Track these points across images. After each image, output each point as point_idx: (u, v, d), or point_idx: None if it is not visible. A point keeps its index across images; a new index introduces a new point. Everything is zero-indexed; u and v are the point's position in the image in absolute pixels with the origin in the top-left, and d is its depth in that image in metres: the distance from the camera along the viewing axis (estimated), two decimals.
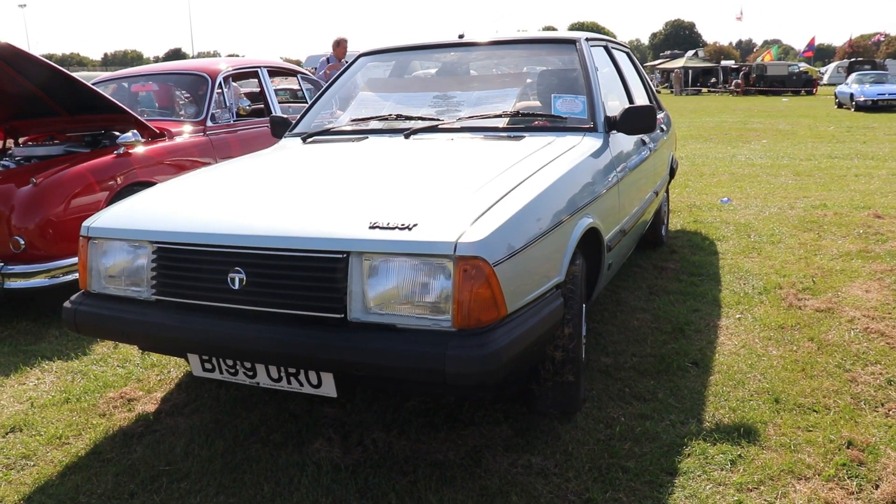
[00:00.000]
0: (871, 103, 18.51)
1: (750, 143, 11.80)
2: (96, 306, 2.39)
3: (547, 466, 2.21)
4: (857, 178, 7.72)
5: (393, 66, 3.93)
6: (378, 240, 1.96)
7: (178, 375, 3.04)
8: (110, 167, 4.04)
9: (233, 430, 2.52)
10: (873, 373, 2.79)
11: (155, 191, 2.71)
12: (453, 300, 1.89)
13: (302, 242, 2.03)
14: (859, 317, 3.40)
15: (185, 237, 2.21)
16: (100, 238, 2.42)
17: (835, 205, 6.19)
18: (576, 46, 3.38)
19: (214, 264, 2.14)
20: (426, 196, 2.22)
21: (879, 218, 5.58)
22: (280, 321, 2.06)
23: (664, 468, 2.18)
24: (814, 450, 2.24)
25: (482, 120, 3.08)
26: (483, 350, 1.85)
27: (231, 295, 2.11)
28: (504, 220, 1.99)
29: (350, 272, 1.98)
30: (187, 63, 5.38)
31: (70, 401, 2.84)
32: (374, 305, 1.98)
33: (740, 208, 6.25)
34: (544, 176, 2.36)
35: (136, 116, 4.38)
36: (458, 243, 1.89)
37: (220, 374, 2.28)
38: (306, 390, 2.16)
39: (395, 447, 2.35)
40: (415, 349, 1.88)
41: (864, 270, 4.17)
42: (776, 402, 2.58)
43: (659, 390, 2.72)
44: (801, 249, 4.75)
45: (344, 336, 1.97)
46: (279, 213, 2.20)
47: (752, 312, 3.55)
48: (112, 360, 3.26)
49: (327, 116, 3.68)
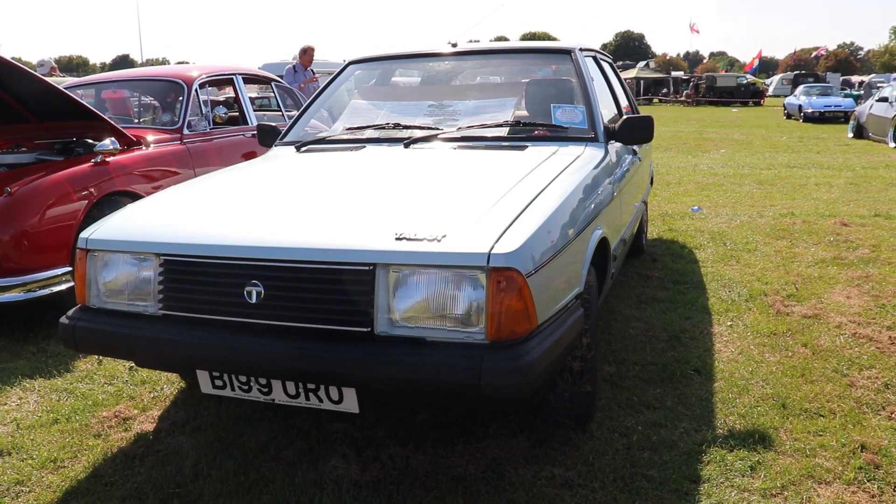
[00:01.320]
0: (818, 114, 19.20)
1: (709, 152, 12.09)
2: (97, 322, 2.28)
3: (570, 478, 2.20)
4: (817, 186, 7.97)
5: (383, 74, 3.89)
6: (407, 251, 1.92)
7: (172, 392, 2.93)
8: (88, 176, 3.89)
9: (241, 448, 2.43)
10: (870, 377, 2.86)
11: (153, 201, 2.61)
12: (486, 312, 1.86)
13: (326, 255, 1.98)
14: (846, 322, 3.49)
15: (197, 249, 2.13)
16: (100, 250, 2.32)
17: (802, 213, 6.37)
18: (571, 56, 3.40)
19: (230, 277, 2.07)
20: (447, 207, 2.19)
21: (846, 226, 5.76)
22: (300, 335, 2.00)
23: (687, 476, 2.19)
24: (829, 454, 2.28)
25: (482, 129, 3.07)
26: (518, 362, 1.83)
27: (248, 309, 2.04)
28: (533, 232, 1.97)
29: (377, 285, 1.93)
30: (160, 69, 5.23)
31: (59, 421, 2.71)
32: (401, 318, 1.94)
33: (711, 217, 6.38)
34: (560, 187, 2.36)
35: (113, 124, 4.24)
36: (492, 254, 1.86)
37: (231, 391, 2.20)
38: (326, 406, 2.10)
39: (412, 462, 2.31)
40: (449, 362, 1.84)
41: (842, 277, 4.29)
42: (783, 407, 2.62)
43: (666, 398, 2.73)
44: (777, 257, 4.86)
45: (372, 350, 1.92)
46: (298, 225, 2.14)
47: (743, 319, 3.61)
48: (98, 378, 3.13)
49: (318, 125, 3.62)
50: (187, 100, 4.85)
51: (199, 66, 5.25)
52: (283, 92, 6.27)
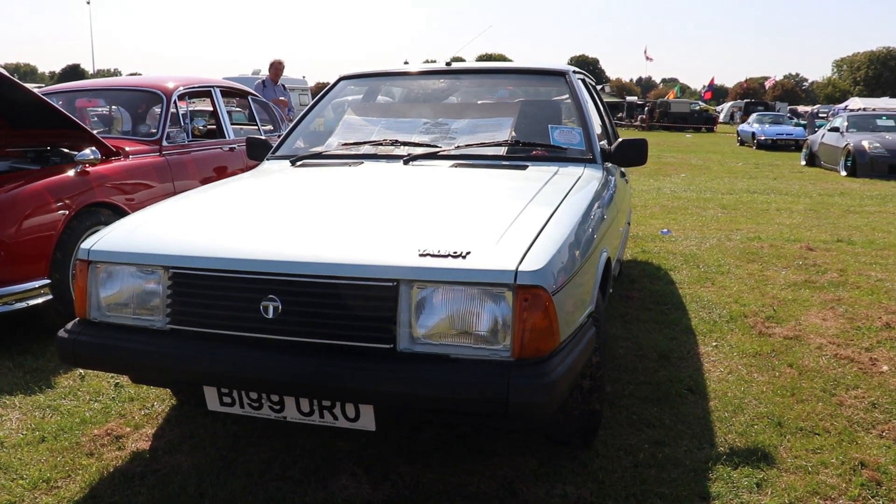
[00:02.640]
0: (770, 142, 19.90)
1: (670, 176, 12.39)
2: (99, 336, 2.21)
3: (583, 496, 2.20)
4: (778, 212, 8.23)
5: (375, 90, 3.89)
6: (431, 268, 1.91)
7: (163, 410, 2.85)
8: (69, 186, 3.78)
9: (244, 467, 2.38)
10: (857, 396, 2.96)
11: (154, 212, 2.54)
12: (513, 329, 1.87)
13: (348, 270, 1.95)
14: (826, 344, 3.60)
15: (210, 262, 2.08)
16: (102, 262, 2.25)
17: (768, 237, 6.56)
18: (566, 78, 3.46)
19: (245, 292, 2.03)
20: (464, 225, 2.19)
21: (812, 250, 5.96)
22: (318, 351, 1.97)
23: (697, 493, 2.22)
24: (831, 471, 2.35)
25: (481, 148, 3.09)
26: (545, 379, 1.83)
27: (263, 324, 2.00)
28: (555, 251, 1.99)
29: (400, 301, 1.92)
30: (137, 79, 5.13)
31: (47, 439, 2.60)
32: (424, 335, 1.93)
33: (680, 239, 6.52)
34: (571, 208, 2.38)
35: (92, 133, 4.13)
36: (519, 272, 1.87)
37: (240, 409, 2.15)
38: (340, 424, 2.06)
39: (423, 480, 2.29)
40: (475, 380, 1.84)
41: (815, 300, 4.43)
42: (779, 425, 2.68)
43: (665, 416, 2.77)
44: (750, 280, 5.00)
45: (395, 367, 1.90)
46: (317, 240, 2.11)
47: (727, 340, 3.70)
48: (82, 394, 3.02)
49: (311, 140, 3.59)
50: (166, 111, 4.76)
51: (177, 78, 5.17)
52: (258, 106, 6.21)
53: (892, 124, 13.31)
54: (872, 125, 13.34)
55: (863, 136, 12.59)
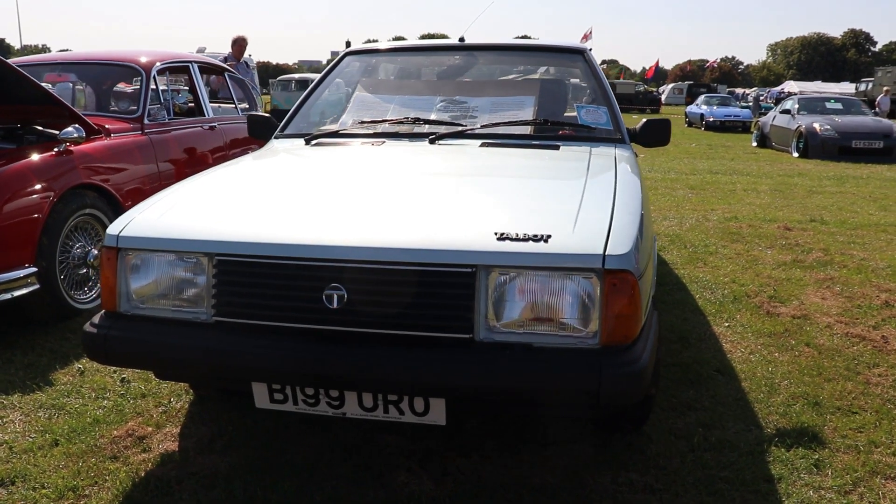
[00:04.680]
0: (719, 123, 20.35)
1: None
2: (133, 330, 2.03)
3: (649, 483, 2.16)
4: (746, 192, 8.39)
5: (385, 67, 3.73)
6: (514, 252, 1.81)
7: (182, 406, 2.67)
8: (53, 167, 3.51)
9: (289, 467, 2.24)
10: (881, 374, 3.00)
11: (181, 194, 2.32)
12: (601, 316, 1.78)
13: (422, 255, 1.83)
14: (833, 323, 3.66)
15: (263, 249, 1.92)
16: (134, 249, 2.06)
17: (745, 218, 6.67)
18: (584, 56, 3.38)
19: (307, 280, 1.88)
20: (530, 207, 2.09)
21: (790, 230, 6.09)
22: (387, 343, 1.85)
23: (760, 476, 2.20)
24: (883, 450, 2.36)
25: (508, 127, 2.98)
26: (636, 366, 1.76)
27: (327, 315, 1.86)
28: (635, 234, 1.91)
29: (478, 287, 1.82)
30: (111, 53, 4.79)
31: (60, 443, 2.41)
32: (505, 323, 1.83)
33: (660, 220, 6.57)
34: (628, 189, 2.29)
35: (74, 110, 3.84)
36: (607, 256, 1.78)
37: (293, 406, 2.01)
38: (406, 419, 1.95)
39: (483, 474, 2.20)
40: (563, 369, 1.76)
41: (809, 279, 4.51)
42: (816, 405, 2.69)
43: (703, 399, 2.75)
44: (740, 259, 5.05)
45: (474, 358, 1.80)
46: (382, 224, 1.97)
47: (737, 320, 3.71)
48: (86, 391, 2.81)
49: (321, 118, 3.42)
50: (146, 87, 4.48)
51: (149, 52, 4.86)
52: (235, 83, 5.93)
53: (840, 107, 13.77)
54: (822, 108, 13.76)
55: (813, 118, 12.97)
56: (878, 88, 28.37)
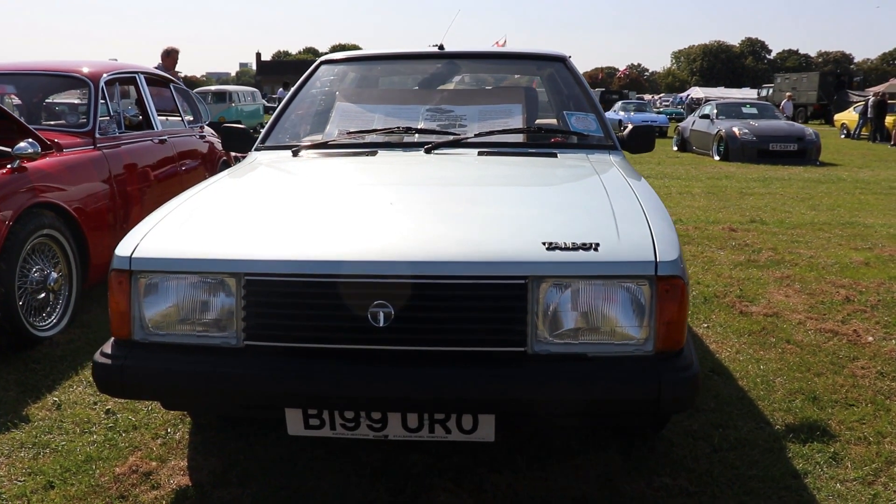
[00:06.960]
0: None
1: None
2: (152, 360, 1.88)
3: (683, 486, 2.17)
4: (681, 195, 8.70)
5: (363, 76, 3.64)
6: (565, 262, 1.78)
7: (182, 437, 2.51)
8: (8, 184, 3.24)
9: (319, 494, 2.13)
10: (863, 367, 3.14)
11: (188, 210, 2.16)
12: (655, 323, 1.78)
13: (472, 268, 1.78)
14: (805, 319, 3.81)
15: (300, 267, 1.82)
16: (149, 271, 1.91)
17: (688, 220, 6.90)
18: (566, 64, 3.41)
19: (351, 299, 1.80)
20: (567, 215, 2.07)
21: (734, 231, 6.33)
22: (437, 360, 1.79)
23: (787, 472, 2.25)
24: (892, 439, 2.46)
25: (502, 136, 2.96)
26: (690, 371, 1.78)
27: (373, 334, 1.78)
28: (676, 240, 1.92)
29: (530, 299, 1.78)
30: (54, 63, 4.49)
31: (55, 485, 2.21)
32: (558, 335, 1.80)
33: None
34: (647, 196, 2.31)
35: (24, 124, 3.57)
36: (659, 263, 1.78)
37: (329, 431, 1.91)
38: (453, 437, 1.89)
39: (519, 488, 2.16)
40: (622, 378, 1.74)
41: (768, 279, 4.69)
42: (815, 399, 2.79)
43: (707, 400, 2.80)
44: (696, 261, 5.22)
45: (529, 371, 1.76)
46: (423, 238, 1.90)
47: (714, 320, 3.82)
48: (68, 425, 2.60)
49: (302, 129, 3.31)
50: (95, 99, 4.21)
51: (91, 62, 4.58)
52: (180, 95, 5.68)
53: (756, 112, 14.51)
54: (738, 113, 14.47)
55: (732, 122, 13.61)
56: (779, 94, 30.13)
